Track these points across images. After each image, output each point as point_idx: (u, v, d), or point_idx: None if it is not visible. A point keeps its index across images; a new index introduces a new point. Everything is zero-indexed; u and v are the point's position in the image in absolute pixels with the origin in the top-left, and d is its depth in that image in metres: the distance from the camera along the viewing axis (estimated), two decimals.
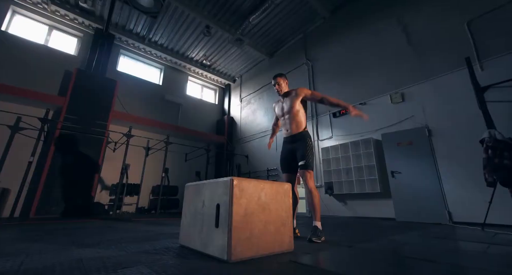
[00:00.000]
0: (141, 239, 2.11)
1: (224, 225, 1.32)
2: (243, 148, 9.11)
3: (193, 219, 1.65)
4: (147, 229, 2.95)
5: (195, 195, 1.70)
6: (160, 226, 3.25)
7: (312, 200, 2.12)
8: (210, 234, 1.43)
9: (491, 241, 2.18)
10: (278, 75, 2.55)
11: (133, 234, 2.45)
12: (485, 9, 4.15)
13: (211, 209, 1.48)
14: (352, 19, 6.49)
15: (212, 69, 10.65)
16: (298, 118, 2.34)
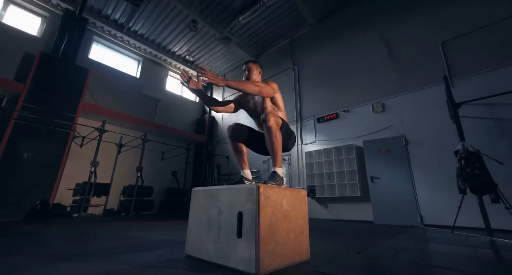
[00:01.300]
0: (134, 248, 1.90)
1: (250, 235, 1.24)
2: (224, 149, 8.93)
3: (206, 228, 1.53)
4: (130, 235, 2.69)
5: (207, 201, 1.59)
6: (144, 232, 2.99)
7: (271, 139, 1.67)
8: (231, 245, 1.33)
9: (473, 244, 2.41)
10: (251, 61, 2.10)
11: (120, 241, 2.21)
12: (457, 33, 4.65)
13: (230, 217, 1.39)
14: (339, 29, 6.79)
15: (195, 65, 10.29)
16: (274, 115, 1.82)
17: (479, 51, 4.32)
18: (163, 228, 3.46)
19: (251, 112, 2.07)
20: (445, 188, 4.04)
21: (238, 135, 1.98)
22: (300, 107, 7.00)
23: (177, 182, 8.68)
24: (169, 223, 4.45)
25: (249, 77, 2.03)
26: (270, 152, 1.74)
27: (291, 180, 6.48)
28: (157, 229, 3.38)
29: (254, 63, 2.08)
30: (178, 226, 3.79)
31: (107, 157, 6.82)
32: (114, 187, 6.78)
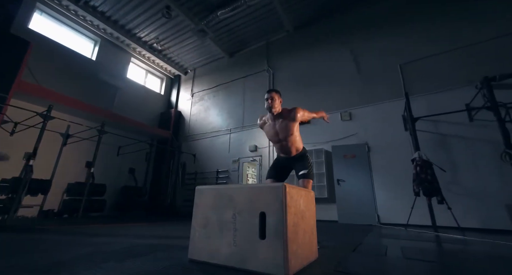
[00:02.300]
0: (118, 254, 1.64)
1: (275, 237, 1.20)
2: (191, 146, 8.51)
3: (217, 230, 1.42)
4: (99, 240, 2.32)
5: (219, 201, 1.48)
6: (113, 236, 2.62)
7: None
8: (251, 247, 1.26)
9: (424, 239, 2.81)
10: (274, 91, 2.20)
11: (94, 248, 1.88)
12: (412, 58, 5.41)
13: (250, 218, 1.32)
14: (313, 39, 7.18)
15: (163, 55, 9.57)
16: (297, 143, 2.20)
17: (428, 76, 5.11)
18: (130, 231, 3.09)
19: (273, 138, 2.24)
20: (400, 191, 4.64)
21: None
22: None
23: (135, 180, 7.90)
24: (132, 225, 4.00)
25: (272, 106, 2.11)
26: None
27: (261, 180, 6.54)
28: (120, 232, 3.00)
29: (276, 93, 2.19)
30: (146, 229, 3.43)
31: (47, 149, 5.79)
32: (56, 185, 5.79)
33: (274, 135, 2.19)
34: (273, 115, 2.16)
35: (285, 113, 2.14)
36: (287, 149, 2.19)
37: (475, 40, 4.81)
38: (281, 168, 2.32)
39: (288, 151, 2.20)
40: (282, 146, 2.20)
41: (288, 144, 2.17)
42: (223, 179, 7.26)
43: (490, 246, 2.39)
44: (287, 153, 2.22)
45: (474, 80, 4.46)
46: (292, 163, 2.26)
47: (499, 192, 3.84)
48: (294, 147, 2.19)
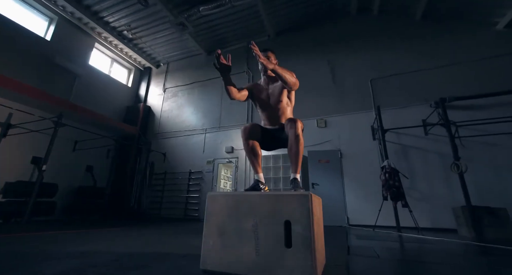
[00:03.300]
0: (108, 266, 1.46)
1: (303, 245, 1.21)
2: (161, 144, 8.00)
3: (235, 239, 1.36)
4: (69, 251, 2.01)
5: (236, 209, 1.42)
6: (83, 245, 2.30)
7: (297, 147, 1.68)
8: (276, 256, 1.25)
9: (389, 239, 3.14)
10: (270, 50, 1.96)
11: (73, 260, 1.62)
12: (381, 74, 6.02)
13: (273, 226, 1.30)
14: (294, 46, 7.45)
15: (133, 44, 8.84)
16: (288, 112, 1.94)
17: (394, 92, 5.74)
18: (97, 238, 2.75)
19: (262, 103, 1.95)
20: (367, 195, 5.08)
21: (255, 136, 1.84)
22: (251, 112, 7.18)
23: (93, 180, 7.07)
24: (95, 231, 3.57)
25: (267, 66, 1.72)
26: (293, 158, 1.71)
27: (236, 183, 6.49)
28: (87, 239, 2.66)
29: (273, 53, 1.96)
30: (113, 235, 3.10)
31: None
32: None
33: (265, 99, 1.93)
34: (267, 78, 1.96)
35: None
36: (276, 117, 1.90)
37: (432, 66, 5.58)
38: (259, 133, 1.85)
39: (277, 119, 1.89)
40: (271, 112, 1.91)
41: (278, 111, 1.89)
42: (196, 180, 6.98)
43: (446, 244, 2.79)
44: (275, 121, 1.91)
45: (429, 100, 5.17)
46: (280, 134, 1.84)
47: (446, 197, 4.51)
48: (284, 116, 1.90)
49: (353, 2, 6.74)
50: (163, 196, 7.19)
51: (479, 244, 3.00)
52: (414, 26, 6.10)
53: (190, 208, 6.74)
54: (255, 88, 2.00)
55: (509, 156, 4.43)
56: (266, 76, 1.99)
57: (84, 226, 4.28)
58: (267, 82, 1.99)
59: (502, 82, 4.75)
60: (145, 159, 7.48)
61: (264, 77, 2.01)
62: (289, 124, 1.70)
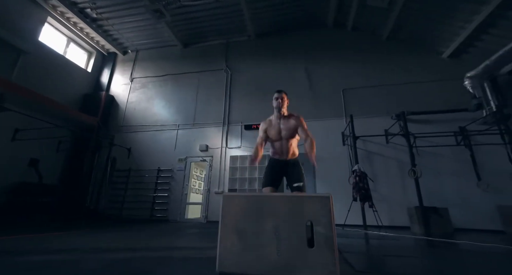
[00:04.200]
0: (128, 272, 1.31)
1: (326, 245, 1.28)
2: (125, 138, 7.31)
3: (255, 240, 1.36)
4: (46, 258, 1.72)
5: (255, 210, 1.42)
6: (55, 253, 2.00)
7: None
8: (299, 256, 1.29)
9: (357, 236, 3.48)
10: (284, 92, 2.36)
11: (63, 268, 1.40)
12: (353, 86, 6.57)
13: (295, 227, 1.34)
14: (274, 49, 7.61)
15: (97, 25, 7.91)
16: (295, 148, 2.32)
17: (362, 103, 6.32)
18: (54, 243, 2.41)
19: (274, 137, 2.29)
20: (337, 196, 5.45)
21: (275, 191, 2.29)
22: (228, 111, 7.09)
23: (38, 175, 6.10)
24: (31, 236, 3.10)
25: (282, 106, 2.29)
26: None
27: (210, 182, 6.33)
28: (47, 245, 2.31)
29: (286, 93, 2.36)
30: (61, 240, 2.75)
31: None
32: None
33: (277, 133, 2.26)
34: (280, 115, 2.29)
35: (292, 116, 2.30)
36: (285, 150, 2.27)
37: (394, 82, 6.32)
38: (276, 174, 2.32)
39: (286, 152, 2.28)
40: (281, 145, 2.27)
41: (287, 144, 2.27)
42: (165, 178, 6.58)
43: (404, 239, 3.22)
44: (284, 154, 2.28)
45: (391, 112, 5.85)
46: (286, 169, 2.30)
47: (402, 198, 5.16)
48: (291, 149, 2.29)
49: (330, 16, 7.20)
50: (126, 195, 6.58)
51: (428, 239, 3.53)
52: (381, 45, 6.83)
53: (157, 208, 6.32)
54: (269, 125, 2.32)
55: (449, 165, 5.30)
56: (279, 114, 2.31)
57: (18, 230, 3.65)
58: (278, 117, 2.31)
59: (447, 102, 5.66)
60: (107, 154, 6.74)
61: (277, 114, 2.32)
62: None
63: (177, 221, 6.04)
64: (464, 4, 5.23)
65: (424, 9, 5.77)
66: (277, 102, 2.28)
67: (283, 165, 2.31)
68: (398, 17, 6.17)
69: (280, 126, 2.27)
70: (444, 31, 5.97)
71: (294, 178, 2.23)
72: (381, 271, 1.59)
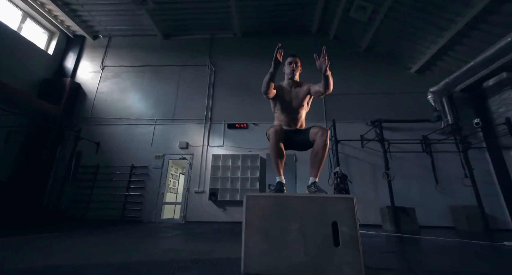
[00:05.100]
0: None
1: (351, 243, 1.33)
2: (94, 131, 6.64)
3: (282, 241, 1.36)
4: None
5: (281, 211, 1.42)
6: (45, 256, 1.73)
7: (323, 154, 1.93)
8: (326, 255, 1.32)
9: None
10: (297, 56, 2.15)
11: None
12: (333, 92, 6.91)
13: (321, 227, 1.37)
14: (259, 50, 7.60)
15: (63, 3, 7.05)
16: (303, 119, 2.14)
17: (342, 108, 6.71)
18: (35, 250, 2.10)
19: (284, 104, 2.07)
20: None
21: (282, 138, 1.94)
22: (211, 109, 6.91)
23: None
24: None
25: (295, 71, 2.08)
26: (317, 163, 1.92)
27: (190, 181, 6.08)
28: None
29: (299, 58, 2.14)
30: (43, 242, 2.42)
31: None
32: None
33: (288, 102, 2.05)
34: (292, 82, 2.08)
35: (304, 84, 2.09)
36: (294, 120, 2.06)
37: (369, 91, 6.84)
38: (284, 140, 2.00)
39: (295, 121, 2.07)
40: (291, 115, 2.06)
41: (298, 114, 2.07)
42: (139, 176, 6.13)
43: (380, 236, 3.52)
44: (292, 123, 2.07)
45: (367, 119, 6.32)
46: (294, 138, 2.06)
47: (374, 199, 5.60)
48: (301, 119, 2.10)
49: (315, 24, 7.51)
50: (92, 194, 5.97)
51: (399, 235, 3.91)
52: (359, 56, 7.33)
53: (129, 208, 5.85)
54: (280, 90, 2.09)
55: (413, 169, 5.92)
56: (291, 80, 2.09)
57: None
58: (290, 85, 2.11)
59: (413, 112, 6.32)
60: (71, 148, 6.03)
61: (289, 81, 2.11)
62: (320, 131, 1.86)
63: (152, 221, 5.68)
64: (431, 27, 5.91)
65: (398, 27, 6.36)
66: (291, 67, 2.06)
67: (291, 135, 2.04)
68: (376, 32, 6.71)
69: (292, 95, 2.07)
70: (413, 49, 6.66)
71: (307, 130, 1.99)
72: (376, 265, 1.71)
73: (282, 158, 1.92)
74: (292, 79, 2.08)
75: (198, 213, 5.75)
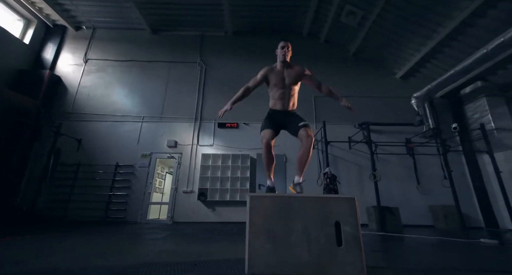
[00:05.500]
0: None
1: (353, 243, 1.36)
2: (75, 128, 6.28)
3: (286, 241, 1.35)
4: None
5: (284, 211, 1.41)
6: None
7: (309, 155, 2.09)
8: (329, 254, 1.34)
9: None
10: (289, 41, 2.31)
11: None
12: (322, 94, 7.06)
13: (324, 227, 1.39)
14: (250, 50, 7.61)
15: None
16: (295, 100, 2.27)
17: (331, 111, 6.85)
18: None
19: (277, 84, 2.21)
20: None
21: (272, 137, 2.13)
22: (201, 107, 6.79)
23: None
24: None
25: (287, 56, 2.23)
26: (303, 164, 2.07)
27: (178, 180, 5.93)
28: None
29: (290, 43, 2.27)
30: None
31: None
32: None
33: (281, 80, 2.19)
34: (284, 64, 2.23)
35: (295, 65, 2.27)
36: (287, 99, 2.21)
37: (358, 94, 7.05)
38: (276, 122, 2.21)
39: (287, 102, 2.21)
40: (284, 93, 2.20)
41: (290, 92, 2.22)
42: (124, 175, 5.88)
43: (365, 235, 3.65)
44: (285, 104, 2.21)
45: (354, 121, 6.51)
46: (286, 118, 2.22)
47: (361, 199, 5.76)
48: (292, 99, 2.25)
49: (306, 27, 7.62)
50: (72, 193, 5.65)
51: (384, 234, 4.07)
52: (348, 59, 7.54)
53: (113, 209, 5.59)
54: (271, 71, 2.25)
55: (396, 170, 6.18)
56: (284, 62, 2.24)
57: None
58: (282, 66, 2.25)
59: (397, 116, 6.60)
60: (50, 144, 5.65)
61: (281, 63, 2.25)
62: (306, 132, 2.03)
63: (138, 222, 5.47)
64: (416, 36, 6.20)
65: (386, 34, 6.62)
66: (283, 51, 2.21)
67: (283, 116, 2.23)
68: (364, 38, 6.93)
69: (284, 73, 2.22)
70: (398, 56, 6.96)
71: (297, 120, 2.16)
72: (375, 264, 1.77)
73: (273, 163, 2.14)
74: (284, 61, 2.23)
75: (186, 213, 5.63)
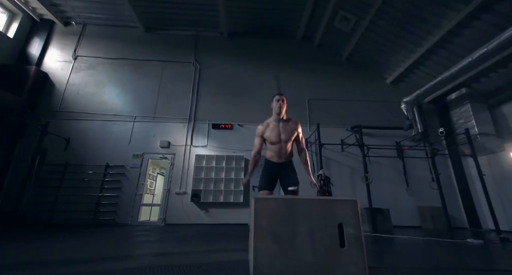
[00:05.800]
0: None
1: (356, 244, 1.39)
2: (63, 127, 6.07)
3: (290, 242, 1.37)
4: None
5: (288, 213, 1.43)
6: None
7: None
8: (332, 255, 1.36)
9: None
10: (283, 94, 2.42)
11: None
12: (317, 97, 7.18)
13: (328, 228, 1.42)
14: (245, 51, 7.63)
15: None
16: (291, 147, 2.37)
17: (324, 113, 6.97)
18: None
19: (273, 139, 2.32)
20: None
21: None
22: (195, 107, 6.73)
23: None
24: None
25: (282, 108, 2.33)
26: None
27: (171, 181, 5.84)
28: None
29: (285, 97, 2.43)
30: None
31: None
32: None
33: (277, 135, 2.29)
34: (279, 118, 2.33)
35: (290, 120, 2.38)
36: (284, 153, 2.32)
37: (350, 98, 7.21)
38: (273, 178, 2.37)
39: (283, 155, 2.33)
40: (280, 148, 2.30)
41: (286, 146, 2.32)
42: (115, 176, 5.73)
43: (367, 237, 3.72)
44: (281, 156, 2.33)
45: (347, 124, 6.65)
46: (282, 171, 2.36)
47: None
48: (289, 152, 2.36)
49: (300, 30, 7.72)
50: (59, 195, 5.43)
51: (376, 235, 4.17)
52: (341, 64, 7.71)
53: (103, 210, 5.42)
54: (267, 128, 2.36)
55: (387, 172, 6.36)
56: (279, 115, 2.34)
57: None
58: (278, 120, 2.35)
59: (388, 120, 6.80)
60: (36, 144, 5.42)
61: (277, 117, 2.35)
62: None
63: (128, 224, 5.33)
64: (406, 43, 6.43)
65: (377, 41, 6.81)
66: (279, 104, 2.32)
67: (280, 167, 2.36)
68: (357, 43, 7.11)
69: (280, 129, 2.32)
70: (389, 61, 7.18)
71: (290, 182, 2.30)
72: (377, 265, 1.81)
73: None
74: (279, 114, 2.32)
75: (179, 215, 5.54)
